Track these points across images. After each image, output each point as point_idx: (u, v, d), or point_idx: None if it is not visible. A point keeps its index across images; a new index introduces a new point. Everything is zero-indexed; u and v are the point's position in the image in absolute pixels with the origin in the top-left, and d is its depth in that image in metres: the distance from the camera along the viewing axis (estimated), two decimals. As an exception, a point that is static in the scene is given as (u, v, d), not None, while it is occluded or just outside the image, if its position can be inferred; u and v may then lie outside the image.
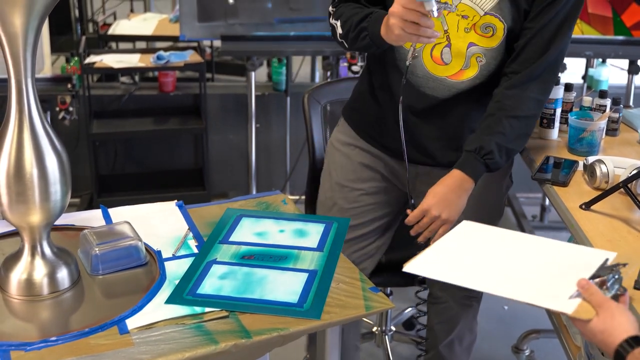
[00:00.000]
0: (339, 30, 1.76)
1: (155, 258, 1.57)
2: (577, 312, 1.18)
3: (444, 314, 2.06)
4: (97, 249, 1.49)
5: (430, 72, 1.76)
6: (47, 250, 1.44)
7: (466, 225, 1.54)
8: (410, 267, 1.40)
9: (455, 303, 2.02)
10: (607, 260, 1.31)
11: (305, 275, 1.54)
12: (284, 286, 1.50)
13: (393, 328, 2.66)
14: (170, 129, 3.68)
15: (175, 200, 1.84)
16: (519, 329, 2.78)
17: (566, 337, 2.20)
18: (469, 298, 2.02)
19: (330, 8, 1.82)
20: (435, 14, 1.50)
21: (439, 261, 1.43)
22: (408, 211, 1.72)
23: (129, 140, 3.80)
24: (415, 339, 2.77)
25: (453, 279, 1.36)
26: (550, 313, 2.34)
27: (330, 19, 1.80)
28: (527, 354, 2.66)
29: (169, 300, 1.42)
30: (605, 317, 1.14)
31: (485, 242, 1.47)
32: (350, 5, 1.77)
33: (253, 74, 3.50)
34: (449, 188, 1.69)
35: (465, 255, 1.45)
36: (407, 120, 1.76)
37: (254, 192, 3.63)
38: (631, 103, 2.63)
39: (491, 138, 1.69)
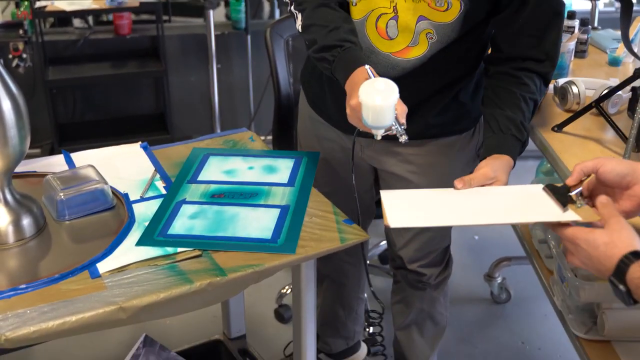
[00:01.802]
0: (299, 23, 1.56)
1: (122, 201, 1.52)
2: (585, 217, 1.19)
3: (398, 294, 2.01)
4: (62, 194, 1.45)
5: (373, 45, 1.55)
6: (9, 198, 1.39)
7: (396, 192, 1.39)
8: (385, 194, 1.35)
9: (407, 284, 1.95)
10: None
11: (277, 211, 1.52)
12: (257, 222, 1.47)
13: (368, 262, 2.66)
14: (129, 72, 3.58)
15: (140, 142, 1.79)
16: (490, 257, 2.81)
17: (538, 262, 2.22)
18: (419, 282, 1.92)
19: None
20: (379, 137, 1.35)
21: (410, 209, 1.34)
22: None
23: (87, 87, 3.69)
24: (387, 272, 2.79)
25: (437, 222, 1.33)
26: (521, 239, 2.37)
27: (291, 6, 1.60)
28: (499, 281, 2.69)
29: (140, 242, 1.39)
30: (613, 229, 1.12)
31: (433, 195, 1.37)
32: None
33: (211, 12, 3.41)
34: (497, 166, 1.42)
35: (428, 203, 1.34)
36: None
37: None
38: (597, 25, 2.61)
39: (517, 117, 1.48)
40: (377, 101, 1.30)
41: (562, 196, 1.27)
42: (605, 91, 1.65)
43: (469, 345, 2.49)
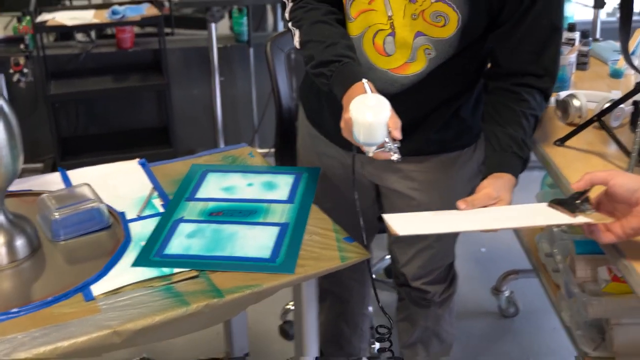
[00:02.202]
0: (296, 40, 1.54)
1: (119, 220, 1.50)
2: (597, 219, 1.20)
3: (402, 312, 1.98)
4: (56, 214, 1.42)
5: (370, 61, 1.52)
6: (2, 218, 1.36)
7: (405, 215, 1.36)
8: (387, 216, 1.32)
9: (411, 301, 1.92)
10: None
11: (276, 229, 1.49)
12: (255, 241, 1.44)
13: (374, 276, 2.62)
14: (132, 86, 3.56)
15: (138, 159, 1.77)
16: (497, 270, 2.77)
17: (545, 276, 2.19)
18: (423, 299, 1.89)
19: (287, 12, 1.58)
20: (371, 154, 1.32)
21: (414, 219, 1.35)
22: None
23: (89, 101, 3.68)
24: (393, 286, 2.75)
25: (433, 229, 1.31)
26: (528, 252, 2.33)
27: (289, 23, 1.57)
28: (506, 294, 2.65)
29: (136, 263, 1.36)
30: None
31: (437, 214, 1.36)
32: (310, 15, 1.52)
33: (214, 25, 3.39)
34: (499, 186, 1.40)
35: (433, 217, 1.34)
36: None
37: (222, 147, 3.55)
38: (598, 36, 2.58)
39: (518, 134, 1.45)
40: (368, 118, 1.27)
41: (569, 205, 1.26)
42: (607, 105, 1.62)
43: (476, 361, 2.45)
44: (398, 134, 1.30)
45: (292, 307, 2.54)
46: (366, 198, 1.81)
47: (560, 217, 1.26)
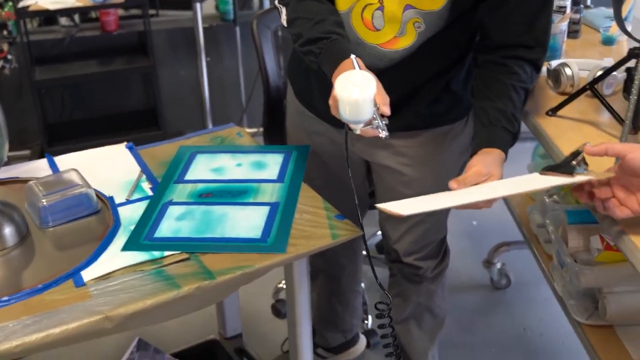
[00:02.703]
0: (284, 17, 1.53)
1: (107, 204, 1.48)
2: (598, 176, 1.20)
3: (395, 287, 1.97)
4: (44, 200, 1.40)
5: (359, 37, 1.50)
6: (-11, 206, 1.35)
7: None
8: (382, 205, 1.32)
9: (403, 277, 1.92)
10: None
11: (266, 209, 1.48)
12: (246, 222, 1.43)
13: (364, 252, 2.62)
14: (118, 69, 3.53)
15: (125, 142, 1.75)
16: (489, 243, 2.78)
17: (537, 247, 2.19)
18: (416, 275, 1.89)
19: None
20: (358, 131, 1.31)
21: (410, 202, 1.34)
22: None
23: (75, 85, 3.65)
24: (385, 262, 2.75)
25: (432, 206, 1.30)
26: (519, 224, 2.33)
27: (276, 0, 1.56)
28: (498, 267, 2.66)
29: (126, 247, 1.35)
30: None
31: (434, 196, 1.34)
32: None
33: (199, 5, 3.36)
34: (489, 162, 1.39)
35: (431, 198, 1.33)
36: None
37: (210, 127, 3.54)
38: (589, 3, 2.56)
39: (507, 108, 1.44)
40: (353, 95, 1.25)
41: (565, 168, 1.24)
42: (600, 72, 1.61)
43: (470, 334, 2.45)
44: (387, 110, 1.29)
45: (284, 286, 2.55)
46: (357, 174, 1.80)
47: (558, 180, 1.25)
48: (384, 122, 1.29)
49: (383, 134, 1.29)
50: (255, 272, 1.30)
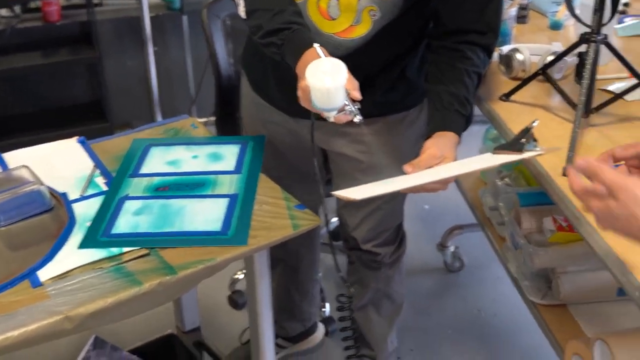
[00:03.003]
0: (242, 10, 1.50)
1: (61, 201, 1.45)
2: (548, 151, 1.23)
3: (354, 275, 1.98)
4: (-5, 199, 1.37)
5: (316, 26, 1.49)
6: (-62, 207, 1.31)
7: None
8: (337, 192, 1.33)
9: (362, 264, 1.93)
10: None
11: (225, 201, 1.47)
12: (205, 215, 1.42)
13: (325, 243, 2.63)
14: (61, 61, 3.43)
15: (77, 137, 1.72)
16: (442, 226, 2.81)
17: (491, 230, 2.23)
18: (374, 261, 1.90)
19: None
20: (332, 119, 1.31)
21: (365, 187, 1.35)
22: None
23: (18, 78, 3.55)
24: (341, 249, 2.76)
25: (385, 190, 1.31)
26: (472, 207, 2.37)
27: None
28: (452, 250, 2.70)
29: (83, 245, 1.33)
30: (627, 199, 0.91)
31: (389, 180, 1.35)
32: None
33: (144, -7, 3.29)
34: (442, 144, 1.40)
35: (385, 182, 1.34)
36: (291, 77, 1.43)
37: (159, 119, 3.48)
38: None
39: (460, 92, 1.45)
40: (325, 83, 1.25)
41: (515, 145, 1.28)
42: (550, 57, 1.64)
43: (425, 317, 2.48)
44: (358, 95, 1.30)
45: (241, 277, 2.54)
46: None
47: (508, 157, 1.28)
48: (356, 106, 1.30)
49: (357, 118, 1.30)
50: (217, 265, 1.29)
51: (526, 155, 1.26)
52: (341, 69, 1.26)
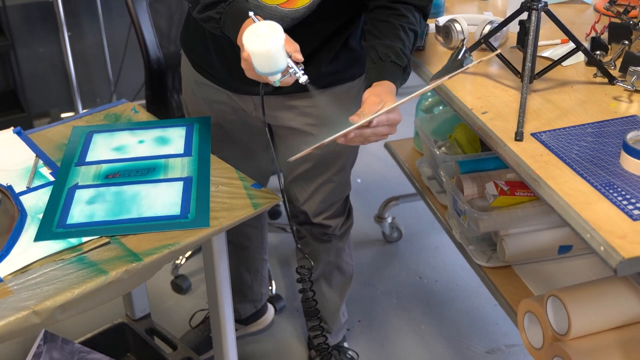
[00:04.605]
0: None
1: (8, 194, 1.39)
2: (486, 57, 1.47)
3: (305, 249, 1.98)
4: (-63, 197, 1.30)
5: (259, 0, 1.48)
6: None
7: None
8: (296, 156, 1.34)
9: (313, 238, 1.93)
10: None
11: (180, 184, 1.44)
12: (161, 199, 1.39)
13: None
14: (-29, 50, 3.28)
15: (12, 127, 1.65)
16: (376, 199, 2.84)
17: (431, 199, 2.27)
18: (325, 234, 1.91)
19: None
20: (278, 83, 1.32)
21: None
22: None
23: None
24: (281, 226, 2.76)
25: (334, 135, 1.33)
26: (410, 177, 2.40)
27: None
28: (389, 221, 2.73)
29: (38, 237, 1.28)
30: None
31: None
32: None
33: (55, -23, 3.17)
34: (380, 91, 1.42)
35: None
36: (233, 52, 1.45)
37: (80, 106, 3.37)
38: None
39: (395, 44, 1.47)
40: (264, 46, 1.25)
41: (454, 64, 1.44)
42: (487, 27, 1.68)
43: (370, 289, 2.52)
44: (299, 56, 1.30)
45: (183, 262, 2.51)
46: (261, 141, 1.79)
47: (452, 74, 1.40)
48: (300, 67, 1.30)
49: (303, 78, 1.31)
50: (182, 248, 1.28)
51: (468, 66, 1.40)
52: (278, 30, 1.27)
